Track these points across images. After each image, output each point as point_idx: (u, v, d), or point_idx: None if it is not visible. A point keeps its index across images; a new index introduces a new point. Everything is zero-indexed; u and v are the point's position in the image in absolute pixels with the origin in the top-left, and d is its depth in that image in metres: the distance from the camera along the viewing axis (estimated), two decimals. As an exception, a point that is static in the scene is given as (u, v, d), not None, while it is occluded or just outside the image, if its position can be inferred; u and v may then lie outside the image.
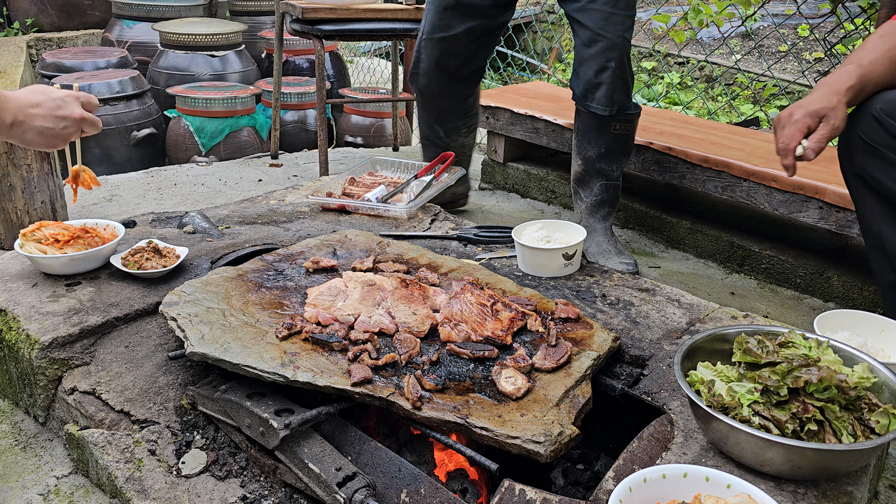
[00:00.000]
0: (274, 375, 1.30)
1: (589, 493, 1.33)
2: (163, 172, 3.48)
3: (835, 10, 3.24)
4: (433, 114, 2.64)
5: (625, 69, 2.22)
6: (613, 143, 2.34)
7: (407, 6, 3.06)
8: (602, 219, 2.44)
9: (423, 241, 2.03)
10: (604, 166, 2.37)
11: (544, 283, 1.80)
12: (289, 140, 4.27)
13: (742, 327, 1.34)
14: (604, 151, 2.34)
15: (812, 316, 2.26)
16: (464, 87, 2.58)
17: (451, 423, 1.22)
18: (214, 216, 2.15)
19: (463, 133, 2.71)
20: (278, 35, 3.47)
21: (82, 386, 1.49)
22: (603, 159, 2.36)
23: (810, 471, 1.11)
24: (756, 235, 2.62)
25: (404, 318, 1.49)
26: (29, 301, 1.65)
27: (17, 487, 1.43)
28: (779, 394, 1.15)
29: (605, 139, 2.32)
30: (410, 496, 1.19)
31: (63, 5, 5.71)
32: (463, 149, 2.73)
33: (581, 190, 2.45)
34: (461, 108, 2.65)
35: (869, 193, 1.70)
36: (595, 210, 2.44)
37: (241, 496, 1.28)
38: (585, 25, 2.19)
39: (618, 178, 2.41)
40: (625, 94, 2.26)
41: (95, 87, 3.95)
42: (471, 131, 2.73)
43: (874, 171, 1.65)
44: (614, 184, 2.41)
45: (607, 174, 2.39)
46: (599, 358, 1.42)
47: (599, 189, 2.40)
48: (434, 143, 2.69)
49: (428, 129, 2.68)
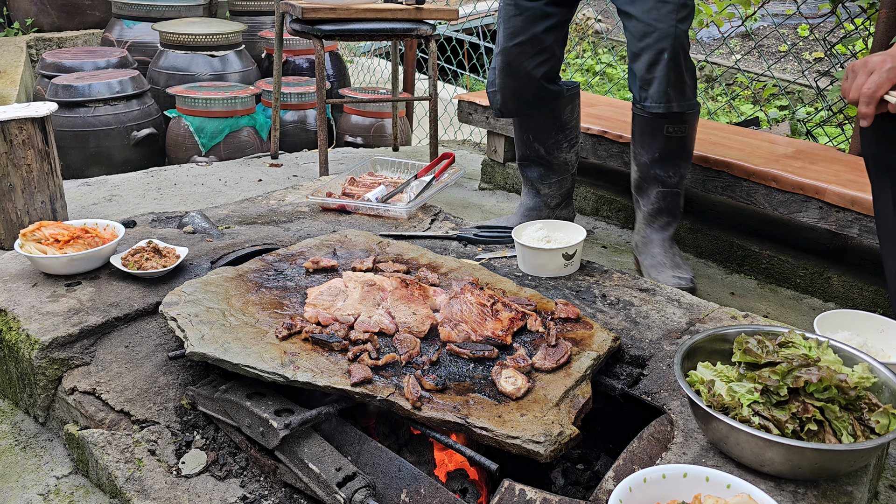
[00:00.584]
0: (274, 375, 1.30)
1: (589, 493, 1.33)
2: (163, 172, 3.48)
3: (835, 10, 3.24)
4: (529, 132, 2.44)
5: (679, 62, 2.07)
6: (667, 146, 2.19)
7: (407, 6, 3.06)
8: (659, 229, 2.31)
9: (423, 241, 2.03)
10: (659, 172, 2.23)
11: (544, 283, 1.80)
12: (289, 140, 4.28)
13: (742, 327, 1.34)
14: (658, 156, 2.21)
15: (812, 316, 2.26)
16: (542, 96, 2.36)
17: (451, 423, 1.22)
18: (214, 216, 2.15)
19: (564, 148, 2.47)
20: (278, 35, 3.47)
21: (82, 386, 1.49)
22: (658, 164, 2.22)
23: (810, 471, 1.11)
24: (756, 235, 2.62)
25: (404, 318, 1.49)
26: (29, 301, 1.65)
27: (17, 487, 1.43)
28: (779, 394, 1.15)
29: (658, 142, 2.19)
30: (410, 496, 1.19)
31: (63, 5, 5.71)
32: (566, 165, 2.50)
33: (640, 198, 2.33)
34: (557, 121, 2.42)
35: (885, 176, 1.67)
36: (652, 219, 2.31)
37: (241, 496, 1.28)
38: (635, 17, 2.06)
39: (676, 184, 2.26)
40: (679, 90, 2.10)
41: (95, 87, 3.95)
42: (572, 146, 2.48)
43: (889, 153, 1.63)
44: (673, 191, 2.26)
45: (663, 180, 2.24)
46: (599, 358, 1.42)
47: (657, 196, 2.27)
48: (534, 162, 2.49)
49: (526, 147, 2.48)
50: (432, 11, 3.09)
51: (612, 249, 2.72)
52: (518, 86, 2.30)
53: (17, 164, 2.44)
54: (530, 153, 2.47)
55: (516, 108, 2.36)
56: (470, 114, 3.29)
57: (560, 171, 2.48)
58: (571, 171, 2.52)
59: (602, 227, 2.92)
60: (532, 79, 2.28)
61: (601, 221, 2.97)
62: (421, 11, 3.05)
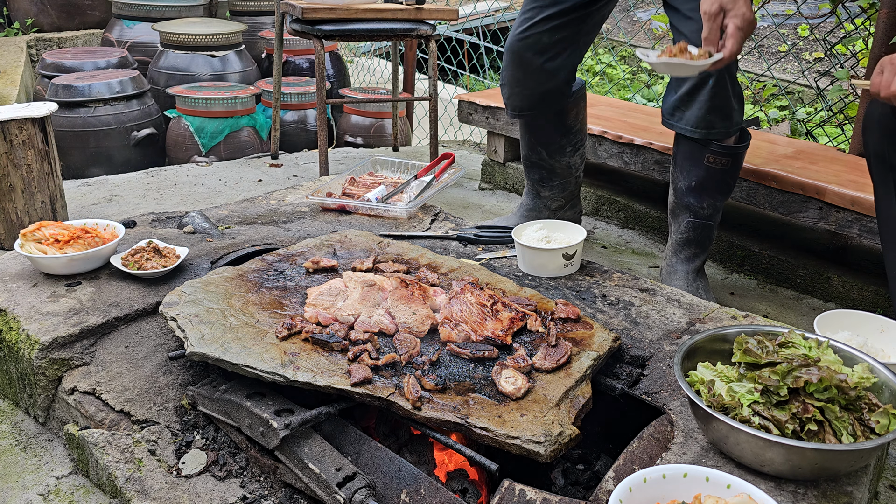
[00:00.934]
0: (274, 375, 1.30)
1: (589, 493, 1.33)
2: (163, 172, 3.48)
3: (835, 10, 3.24)
4: (533, 136, 2.37)
5: (726, 88, 1.92)
6: (706, 177, 2.04)
7: (407, 6, 3.06)
8: (685, 260, 2.18)
9: (423, 241, 2.03)
10: (692, 201, 2.09)
11: (544, 283, 1.80)
12: (289, 140, 4.28)
13: (742, 327, 1.34)
14: (694, 185, 2.07)
15: (812, 316, 2.27)
16: (551, 94, 2.25)
17: (451, 423, 1.22)
18: (214, 216, 2.15)
19: (568, 152, 2.39)
20: (278, 35, 3.47)
21: (82, 386, 1.49)
22: (693, 193, 2.08)
23: (810, 471, 1.11)
24: (756, 235, 2.62)
25: (404, 318, 1.49)
26: (29, 301, 1.65)
27: (17, 487, 1.43)
28: (779, 394, 1.15)
29: (697, 171, 2.04)
30: (410, 496, 1.19)
31: (63, 5, 5.70)
32: (570, 169, 2.43)
33: (672, 223, 2.20)
34: (562, 125, 2.33)
35: (890, 174, 1.68)
36: (679, 249, 2.19)
37: (241, 496, 1.28)
38: (683, 33, 1.93)
39: (709, 217, 2.12)
40: (723, 117, 1.96)
41: (95, 87, 3.95)
42: (576, 150, 2.41)
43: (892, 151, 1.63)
44: (704, 223, 2.12)
45: (696, 211, 2.11)
46: (599, 358, 1.42)
47: (686, 226, 2.14)
48: (536, 165, 2.42)
49: (529, 149, 2.41)
50: (432, 11, 3.09)
51: (612, 249, 2.72)
52: (523, 75, 2.22)
53: (17, 164, 2.44)
54: (533, 156, 2.42)
55: (521, 103, 2.27)
56: (470, 114, 3.29)
57: (563, 174, 2.43)
58: (575, 173, 2.46)
59: (602, 227, 2.92)
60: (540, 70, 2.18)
61: (601, 221, 2.97)
62: (421, 11, 3.05)
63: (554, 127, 2.34)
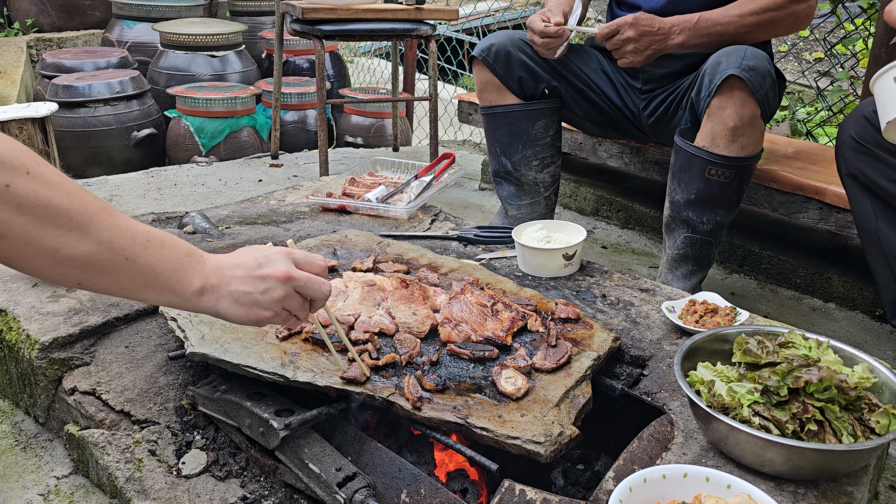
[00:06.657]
0: (274, 375, 1.30)
1: (589, 493, 1.33)
2: (163, 172, 3.49)
3: (835, 10, 3.24)
4: (496, 143, 2.30)
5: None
6: (707, 190, 1.92)
7: (407, 6, 3.06)
8: (682, 277, 2.05)
9: (424, 241, 2.03)
10: (691, 216, 1.97)
11: (544, 283, 1.80)
12: (289, 140, 4.28)
13: (742, 327, 1.34)
14: (693, 198, 1.94)
15: (812, 316, 2.27)
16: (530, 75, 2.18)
17: (451, 423, 1.22)
18: (214, 216, 2.15)
19: (535, 166, 2.28)
20: (278, 35, 3.47)
21: (82, 386, 1.49)
22: (691, 207, 1.96)
23: (810, 471, 1.11)
24: (756, 235, 2.62)
25: (404, 318, 1.49)
26: (29, 301, 1.65)
27: (17, 487, 1.43)
28: (779, 394, 1.15)
29: (696, 183, 1.92)
30: (410, 496, 1.19)
31: (63, 5, 5.71)
32: (537, 187, 2.30)
33: (666, 238, 2.08)
34: (524, 133, 2.24)
35: (864, 192, 1.76)
36: (674, 266, 2.06)
37: (241, 496, 1.28)
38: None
39: (708, 233, 1.98)
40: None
41: (95, 87, 3.95)
42: (545, 167, 2.29)
43: (867, 170, 1.72)
44: (702, 239, 1.99)
45: (694, 226, 1.98)
46: (599, 358, 1.42)
47: (683, 242, 2.02)
48: (504, 178, 2.34)
49: (495, 160, 2.34)
50: (432, 12, 3.09)
51: (612, 249, 2.72)
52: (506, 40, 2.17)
53: (17, 164, 2.43)
54: (499, 168, 2.35)
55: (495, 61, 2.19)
56: (470, 114, 3.29)
57: (531, 192, 2.32)
58: (544, 194, 2.33)
59: (602, 227, 2.92)
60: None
61: (601, 221, 2.97)
62: (421, 12, 3.05)
63: (515, 134, 2.24)
